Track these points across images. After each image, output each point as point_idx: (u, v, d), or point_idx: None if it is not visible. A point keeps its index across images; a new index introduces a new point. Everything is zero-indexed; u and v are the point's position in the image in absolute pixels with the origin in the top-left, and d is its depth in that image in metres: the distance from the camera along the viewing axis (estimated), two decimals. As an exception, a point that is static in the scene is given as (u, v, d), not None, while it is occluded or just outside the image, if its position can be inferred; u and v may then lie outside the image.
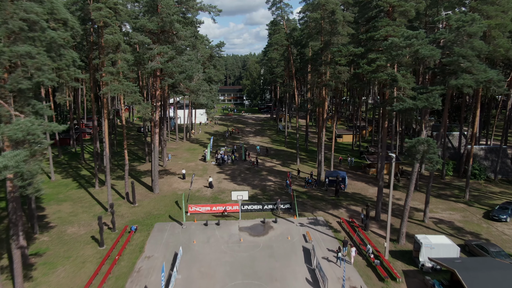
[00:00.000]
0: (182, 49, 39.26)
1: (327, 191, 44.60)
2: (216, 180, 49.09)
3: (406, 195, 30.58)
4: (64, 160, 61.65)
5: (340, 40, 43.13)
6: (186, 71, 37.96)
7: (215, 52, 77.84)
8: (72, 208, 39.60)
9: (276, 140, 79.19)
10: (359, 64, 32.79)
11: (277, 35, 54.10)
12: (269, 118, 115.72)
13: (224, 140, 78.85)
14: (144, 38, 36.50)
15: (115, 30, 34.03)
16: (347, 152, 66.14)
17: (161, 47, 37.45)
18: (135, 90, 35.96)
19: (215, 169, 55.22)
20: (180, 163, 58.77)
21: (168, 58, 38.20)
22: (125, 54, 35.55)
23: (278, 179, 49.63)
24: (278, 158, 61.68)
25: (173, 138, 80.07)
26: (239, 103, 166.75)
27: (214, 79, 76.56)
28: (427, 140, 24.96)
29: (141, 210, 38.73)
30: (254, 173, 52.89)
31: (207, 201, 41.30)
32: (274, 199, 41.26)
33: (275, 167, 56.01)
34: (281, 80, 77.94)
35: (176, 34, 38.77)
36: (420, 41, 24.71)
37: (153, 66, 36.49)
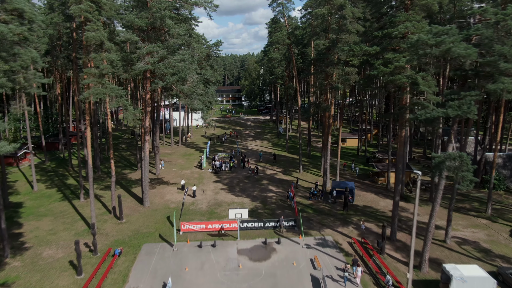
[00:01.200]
0: (174, 48, 35.30)
1: (335, 204, 40.70)
2: (212, 191, 45.13)
3: (430, 215, 26.69)
4: (51, 167, 57.63)
5: (349, 38, 39.30)
6: (179, 73, 34.00)
7: (212, 51, 73.86)
8: (52, 225, 35.60)
9: (277, 144, 75.24)
10: (373, 65, 28.91)
11: (278, 33, 50.19)
12: (269, 120, 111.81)
13: (221, 144, 74.87)
14: (131, 35, 32.55)
15: (97, 27, 30.04)
16: (352, 157, 62.23)
17: (151, 45, 33.50)
18: (121, 94, 32.00)
19: (211, 177, 51.26)
20: (175, 170, 54.79)
21: (158, 58, 34.25)
22: (109, 53, 31.58)
23: (280, 189, 45.70)
24: (280, 165, 57.75)
25: (168, 142, 76.07)
26: (238, 104, 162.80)
27: (211, 80, 72.59)
28: (460, 155, 21.07)
29: (129, 228, 34.75)
30: (254, 182, 48.95)
31: (202, 216, 37.35)
32: (276, 214, 37.36)
33: (276, 175, 52.08)
34: (281, 81, 74.00)
35: (168, 31, 34.82)
36: (453, 38, 20.81)
37: (141, 67, 32.52)
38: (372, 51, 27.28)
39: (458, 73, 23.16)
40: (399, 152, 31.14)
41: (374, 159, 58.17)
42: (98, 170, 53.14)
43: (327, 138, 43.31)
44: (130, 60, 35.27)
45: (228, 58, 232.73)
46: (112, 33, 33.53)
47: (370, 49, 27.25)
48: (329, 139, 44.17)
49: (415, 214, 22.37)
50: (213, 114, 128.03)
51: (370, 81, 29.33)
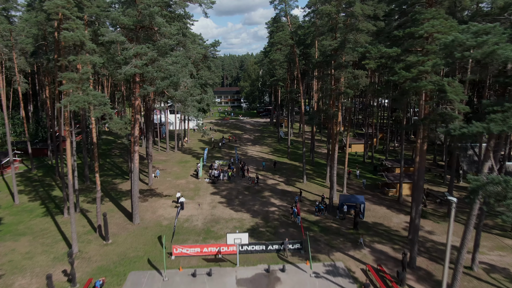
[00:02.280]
0: (166, 49, 31.59)
1: (343, 220, 37.05)
2: (209, 205, 41.42)
3: (461, 242, 23.07)
4: (37, 175, 53.87)
5: (359, 38, 35.71)
6: (170, 77, 30.30)
7: (210, 52, 70.14)
8: (30, 246, 31.88)
9: (278, 149, 71.53)
10: (391, 69, 25.27)
11: (280, 33, 46.52)
12: (269, 123, 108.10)
13: (219, 150, 71.12)
14: (116, 35, 28.85)
15: (77, 25, 26.34)
16: (357, 164, 58.52)
17: (139, 46, 29.81)
18: (105, 101, 28.32)
19: (208, 188, 47.53)
20: (169, 180, 51.06)
21: (147, 61, 30.57)
22: (91, 56, 27.89)
23: (283, 203, 42.03)
24: (281, 174, 54.06)
25: (163, 148, 72.29)
26: (237, 106, 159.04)
27: (209, 83, 68.89)
28: (505, 180, 17.41)
29: (115, 250, 31.03)
30: (254, 194, 45.26)
31: (198, 235, 33.65)
32: (279, 233, 33.71)
33: (278, 186, 48.39)
34: (283, 84, 70.32)
35: (158, 30, 31.12)
36: (497, 38, 17.18)
37: (128, 70, 28.80)
38: (392, 53, 23.61)
39: (501, 79, 19.51)
40: (419, 168, 27.52)
41: (382, 167, 54.54)
42: (86, 180, 49.41)
43: (334, 147, 39.64)
44: (117, 63, 31.56)
45: (226, 59, 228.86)
46: (95, 32, 29.80)
47: (390, 51, 23.59)
48: (336, 149, 40.51)
49: (448, 246, 18.77)
50: (211, 116, 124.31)
51: (389, 87, 25.71)
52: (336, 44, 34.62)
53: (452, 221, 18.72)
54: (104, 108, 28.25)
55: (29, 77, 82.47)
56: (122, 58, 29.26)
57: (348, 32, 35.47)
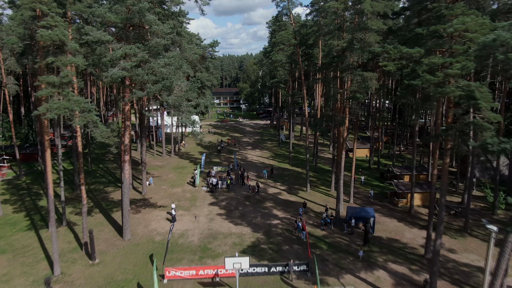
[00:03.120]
0: (158, 50, 28.62)
1: (352, 235, 34.14)
2: (206, 217, 38.46)
3: (494, 272, 20.13)
4: (26, 182, 50.91)
5: (368, 37, 32.82)
6: (163, 80, 27.34)
7: (208, 52, 67.19)
8: (9, 267, 28.89)
9: (279, 154, 68.56)
10: (413, 73, 22.35)
11: (283, 32, 43.59)
12: (269, 125, 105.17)
13: (218, 154, 68.14)
14: (102, 34, 25.86)
15: (56, 23, 23.36)
16: (360, 170, 55.58)
17: (128, 47, 26.84)
18: (89, 108, 25.37)
19: (206, 197, 44.56)
20: (164, 188, 48.07)
21: (137, 62, 27.62)
22: (73, 57, 24.92)
23: (286, 214, 39.10)
24: (283, 181, 51.10)
25: (159, 152, 69.30)
26: (236, 107, 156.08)
27: (207, 84, 65.94)
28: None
29: (101, 272, 28.04)
30: (255, 204, 42.31)
31: (193, 253, 30.68)
32: (283, 251, 30.79)
33: (280, 195, 45.43)
34: (284, 85, 67.38)
35: (149, 29, 28.16)
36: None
37: (115, 74, 25.82)
38: (415, 53, 20.67)
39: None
40: (442, 185, 24.58)
41: (389, 174, 51.65)
42: (76, 188, 46.38)
43: (341, 155, 36.72)
44: (104, 65, 28.57)
45: (225, 59, 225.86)
46: (79, 31, 26.82)
47: (412, 51, 20.65)
48: (343, 156, 37.62)
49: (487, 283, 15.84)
50: (210, 118, 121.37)
51: (409, 92, 22.81)
52: (345, 44, 31.67)
53: (490, 255, 15.84)
54: (88, 116, 25.27)
55: (21, 79, 79.42)
56: (109, 59, 26.28)
57: (357, 31, 32.59)
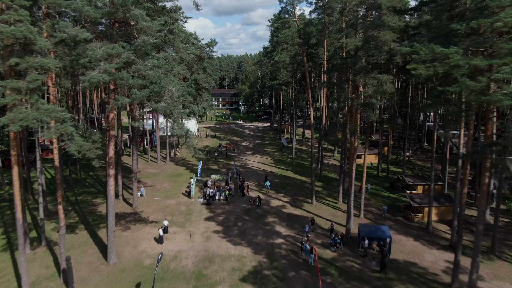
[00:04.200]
0: (145, 50, 24.88)
1: (365, 257, 30.43)
2: (202, 235, 34.71)
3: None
4: (8, 193, 47.10)
5: (383, 36, 29.16)
6: (151, 85, 23.59)
7: (205, 52, 63.43)
8: (-26, 299, 25.14)
9: (280, 160, 64.78)
10: (447, 77, 18.65)
11: (287, 30, 39.87)
12: (269, 128, 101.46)
13: (216, 160, 64.32)
14: (78, 31, 22.08)
15: (20, 17, 19.60)
16: (369, 178, 51.92)
17: (109, 46, 23.08)
18: (64, 118, 21.65)
19: (202, 211, 40.80)
20: (157, 200, 44.29)
21: (121, 64, 23.88)
22: (44, 58, 21.14)
23: (290, 232, 35.38)
24: (286, 192, 47.34)
25: (153, 158, 65.48)
26: (235, 109, 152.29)
27: (204, 86, 62.18)
28: None
29: (80, 307, 24.31)
30: (256, 219, 38.57)
31: (187, 282, 26.89)
32: (288, 278, 27.06)
33: (283, 208, 41.69)
34: (286, 87, 63.62)
35: (136, 25, 24.41)
36: None
37: (93, 77, 22.06)
38: (452, 54, 16.94)
39: None
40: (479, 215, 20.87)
41: (400, 183, 47.96)
42: (61, 201, 42.52)
43: (352, 167, 33.04)
44: (84, 67, 24.79)
45: (224, 59, 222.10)
46: (52, 26, 23.02)
47: (448, 52, 16.92)
48: (354, 168, 33.95)
49: None
50: (208, 121, 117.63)
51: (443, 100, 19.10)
52: (359, 42, 27.94)
53: None
54: (61, 127, 21.52)
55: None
56: (87, 61, 22.50)
57: (371, 29, 28.91)
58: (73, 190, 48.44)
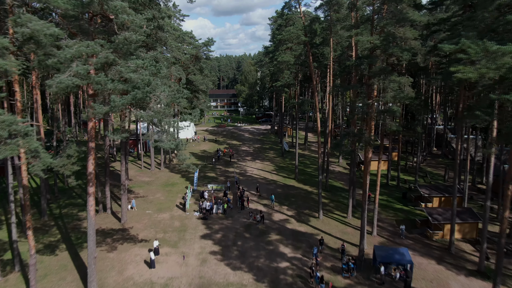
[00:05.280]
0: (128, 49, 21.05)
1: (382, 286, 26.61)
2: (197, 257, 30.86)
3: None
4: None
5: (403, 33, 25.38)
6: (133, 90, 19.75)
7: (202, 52, 59.55)
8: None
9: (282, 167, 60.90)
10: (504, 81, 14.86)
11: (291, 27, 36.11)
12: (270, 131, 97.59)
13: (213, 167, 60.39)
14: (44, 26, 18.25)
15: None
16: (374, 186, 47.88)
17: (83, 43, 19.22)
18: (26, 131, 17.79)
19: (198, 227, 36.94)
20: (149, 214, 40.42)
21: (98, 65, 20.06)
22: (0, 58, 17.32)
23: (296, 253, 31.56)
24: (290, 204, 43.48)
25: (147, 164, 61.54)
26: (234, 110, 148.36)
27: (201, 88, 58.35)
28: None
29: None
30: (257, 237, 34.75)
31: (178, 319, 23.10)
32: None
33: (287, 223, 37.87)
34: (288, 89, 59.83)
35: (116, 19, 20.56)
36: None
37: (62, 82, 18.21)
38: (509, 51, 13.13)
39: None
40: None
41: (413, 194, 44.14)
42: (43, 215, 38.78)
43: (366, 181, 29.26)
44: (54, 68, 20.94)
45: (223, 59, 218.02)
46: (15, 22, 19.16)
47: (507, 49, 13.11)
48: (368, 181, 30.18)
49: None
50: (206, 123, 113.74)
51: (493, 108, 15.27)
52: (377, 40, 24.12)
53: None
54: (23, 142, 17.66)
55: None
56: (56, 61, 18.63)
57: (390, 25, 25.13)
58: (58, 201, 44.53)
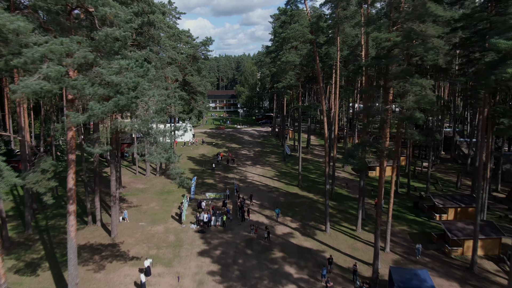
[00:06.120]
0: (111, 47, 18.06)
1: (401, 315, 23.70)
2: (193, 278, 27.87)
3: None
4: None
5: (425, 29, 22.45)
6: (116, 95, 16.78)
7: (200, 52, 56.53)
8: None
9: (284, 172, 57.90)
10: None
11: (296, 24, 33.12)
12: (270, 133, 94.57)
13: (212, 173, 57.37)
14: (7, 19, 15.26)
15: None
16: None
17: (56, 40, 16.24)
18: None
19: (194, 242, 33.94)
20: (142, 226, 37.44)
21: (75, 66, 17.07)
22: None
23: (302, 274, 28.58)
24: (294, 214, 40.48)
25: (142, 170, 58.50)
26: (233, 111, 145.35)
27: (198, 90, 55.38)
28: None
29: None
30: (260, 254, 31.77)
31: None
32: None
33: (292, 237, 34.88)
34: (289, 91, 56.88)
35: (96, 12, 17.58)
36: None
37: (27, 86, 15.21)
38: None
39: None
40: None
41: (426, 204, 41.19)
42: (27, 228, 35.79)
43: (381, 195, 26.29)
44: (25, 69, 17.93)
45: (222, 59, 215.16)
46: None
47: None
48: (382, 195, 27.23)
49: None
50: (204, 125, 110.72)
51: None
52: (398, 37, 21.13)
53: None
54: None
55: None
56: (22, 61, 15.65)
57: (411, 20, 22.20)
58: (45, 212, 41.46)
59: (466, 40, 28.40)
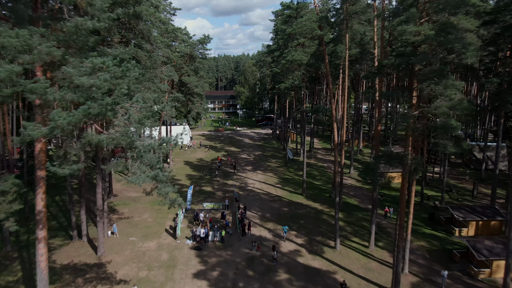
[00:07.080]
0: (83, 41, 14.62)
1: None
2: (188, 307, 24.44)
3: None
4: None
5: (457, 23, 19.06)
6: (89, 101, 13.33)
7: (197, 51, 53.09)
8: None
9: (287, 179, 54.45)
10: None
11: (303, 18, 29.71)
12: (271, 136, 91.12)
13: (210, 180, 53.87)
14: None
15: None
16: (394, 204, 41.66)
17: (10, 33, 12.79)
18: None
19: (190, 261, 30.50)
20: (132, 242, 33.97)
21: (39, 64, 13.61)
22: None
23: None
24: (299, 228, 37.04)
25: (136, 177, 54.85)
26: (232, 112, 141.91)
27: (196, 91, 51.94)
28: None
29: None
30: (263, 275, 28.34)
31: None
32: None
33: (298, 256, 31.44)
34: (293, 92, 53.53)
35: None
36: None
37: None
38: None
39: None
40: None
41: (443, 216, 37.81)
42: (6, 244, 32.33)
43: (403, 215, 22.87)
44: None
45: (221, 59, 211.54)
46: None
47: None
48: (404, 214, 23.80)
49: None
50: (202, 127, 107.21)
51: None
52: (431, 31, 17.70)
53: None
54: None
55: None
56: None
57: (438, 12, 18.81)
58: (28, 224, 37.93)
59: (498, 36, 25.15)
